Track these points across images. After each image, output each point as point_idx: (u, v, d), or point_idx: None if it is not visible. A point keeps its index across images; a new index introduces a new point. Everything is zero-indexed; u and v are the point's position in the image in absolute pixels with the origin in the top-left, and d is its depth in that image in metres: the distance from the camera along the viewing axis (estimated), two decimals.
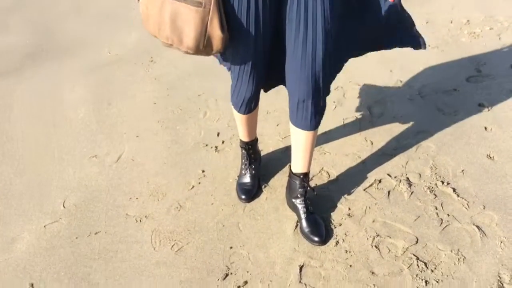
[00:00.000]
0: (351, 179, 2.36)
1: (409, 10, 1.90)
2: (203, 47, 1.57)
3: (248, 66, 1.77)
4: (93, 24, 4.31)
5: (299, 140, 2.00)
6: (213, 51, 1.61)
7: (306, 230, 2.07)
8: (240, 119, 2.14)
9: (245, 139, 2.28)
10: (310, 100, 1.80)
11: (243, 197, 2.27)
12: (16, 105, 3.15)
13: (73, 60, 3.70)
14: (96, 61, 3.66)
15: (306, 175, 2.12)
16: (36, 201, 2.38)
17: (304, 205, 2.12)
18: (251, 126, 2.23)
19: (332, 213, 2.18)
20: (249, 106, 2.01)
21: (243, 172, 2.35)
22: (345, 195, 2.27)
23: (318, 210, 2.17)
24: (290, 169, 2.17)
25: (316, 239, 2.04)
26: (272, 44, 1.76)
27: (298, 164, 2.10)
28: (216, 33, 1.54)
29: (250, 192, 2.29)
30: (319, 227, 2.08)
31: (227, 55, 1.78)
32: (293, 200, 2.16)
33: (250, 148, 2.32)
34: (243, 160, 2.36)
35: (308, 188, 2.14)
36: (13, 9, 4.75)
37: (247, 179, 2.32)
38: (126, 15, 4.45)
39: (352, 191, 2.29)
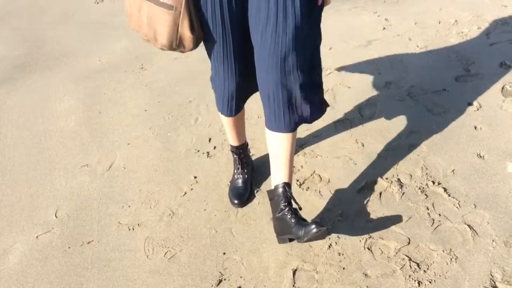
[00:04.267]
0: (342, 181, 2.37)
1: (397, 11, 1.90)
2: (176, 46, 1.70)
3: (220, 60, 1.82)
4: (82, 33, 4.31)
5: (277, 146, 1.90)
6: (186, 49, 1.72)
7: (301, 232, 1.78)
8: (227, 122, 2.15)
9: (234, 143, 2.29)
10: (280, 93, 1.74)
11: (236, 201, 2.28)
12: (6, 115, 3.15)
13: (63, 69, 3.70)
14: (86, 70, 3.66)
15: (287, 184, 1.92)
16: (28, 211, 2.37)
17: (292, 211, 1.86)
18: (239, 130, 2.23)
19: (324, 216, 2.18)
20: (231, 107, 2.00)
21: (235, 177, 2.36)
22: (337, 198, 2.28)
23: (310, 213, 2.18)
24: (270, 191, 1.99)
25: (313, 228, 1.74)
26: (244, 46, 1.81)
27: (278, 175, 1.94)
28: (187, 34, 1.66)
29: (242, 197, 2.29)
30: (310, 223, 1.78)
31: (208, 52, 1.86)
32: (278, 215, 1.90)
33: (241, 152, 2.33)
34: (235, 165, 2.37)
35: (293, 200, 1.91)
36: (1, 19, 4.74)
37: (239, 183, 2.33)
38: (115, 22, 4.46)
39: (344, 193, 2.30)
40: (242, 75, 1.89)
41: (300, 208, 1.92)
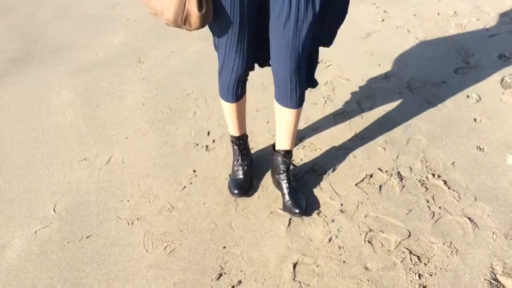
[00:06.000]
0: (342, 174, 2.36)
1: (396, 3, 1.90)
2: (181, 22, 1.65)
3: (234, 43, 1.81)
4: (78, 26, 4.27)
5: (283, 118, 2.06)
6: (192, 27, 1.67)
7: (288, 203, 2.16)
8: (229, 110, 2.14)
9: (236, 133, 2.28)
10: (292, 77, 1.85)
11: (236, 191, 2.26)
12: (3, 110, 3.12)
13: (60, 63, 3.67)
14: (83, 63, 3.63)
15: (288, 152, 2.19)
16: (26, 206, 2.36)
17: (286, 180, 2.20)
18: (241, 118, 2.22)
19: (324, 209, 2.18)
20: (236, 91, 2.02)
21: (235, 168, 2.34)
22: (337, 191, 2.27)
23: (310, 207, 2.18)
24: (273, 147, 2.26)
25: (296, 210, 2.12)
26: (258, 23, 1.81)
27: (281, 142, 2.17)
28: (193, 11, 1.61)
29: (242, 187, 2.28)
30: (300, 201, 2.17)
31: (214, 30, 1.83)
32: (276, 176, 2.25)
33: (241, 143, 2.32)
34: (235, 157, 2.35)
35: (291, 165, 2.23)
36: None
37: (239, 175, 2.31)
38: (112, 15, 4.42)
39: (344, 186, 2.29)
40: (251, 59, 1.92)
41: (297, 168, 2.37)
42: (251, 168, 2.40)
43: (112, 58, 3.67)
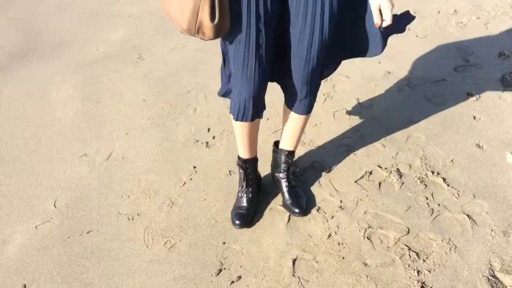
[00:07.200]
0: (342, 171, 2.37)
1: (396, 0, 1.87)
2: (195, 31, 1.59)
3: (249, 62, 1.69)
4: (79, 22, 4.27)
5: (290, 121, 2.05)
6: (206, 37, 1.61)
7: (288, 202, 2.16)
8: (239, 129, 1.98)
9: (244, 155, 2.13)
10: (303, 88, 1.84)
11: (237, 222, 2.11)
12: (4, 105, 3.13)
13: (61, 58, 3.67)
14: (83, 59, 3.64)
15: (291, 153, 2.18)
16: (27, 202, 2.36)
17: (286, 179, 2.20)
18: (251, 139, 2.06)
19: (324, 206, 2.19)
20: (247, 112, 1.83)
21: (239, 195, 2.20)
22: (337, 188, 2.28)
23: (310, 203, 2.19)
24: (275, 145, 2.24)
25: (296, 210, 2.13)
26: (276, 40, 1.73)
27: (286, 142, 2.16)
28: (206, 21, 1.55)
29: (245, 218, 2.12)
30: (300, 200, 2.18)
31: (228, 46, 1.73)
32: (277, 174, 2.24)
33: (248, 167, 2.16)
34: (240, 182, 2.21)
35: (291, 165, 2.23)
36: None
37: (243, 203, 2.16)
38: (112, 12, 4.42)
39: (343, 183, 2.30)
40: (262, 81, 1.77)
41: (297, 168, 2.37)
42: (258, 195, 2.25)
43: (112, 54, 3.68)
